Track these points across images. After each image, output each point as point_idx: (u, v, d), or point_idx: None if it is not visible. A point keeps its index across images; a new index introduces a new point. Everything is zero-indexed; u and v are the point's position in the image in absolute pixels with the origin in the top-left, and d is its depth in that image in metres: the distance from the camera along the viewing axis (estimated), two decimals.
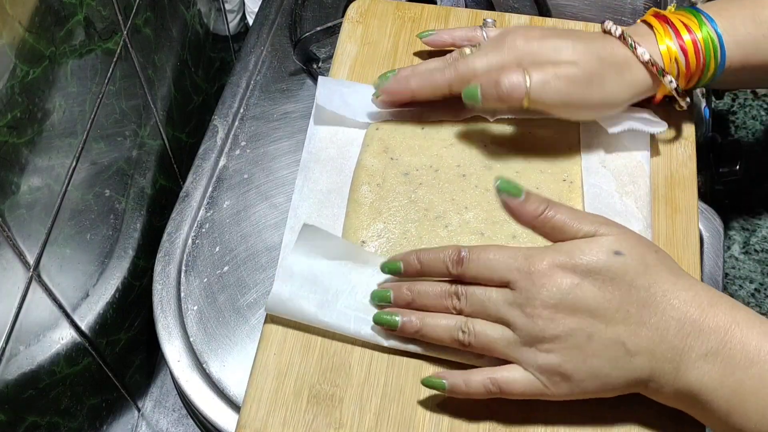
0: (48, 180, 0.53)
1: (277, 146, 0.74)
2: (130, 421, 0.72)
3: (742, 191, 0.84)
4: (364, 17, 0.70)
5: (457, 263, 0.51)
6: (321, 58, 0.79)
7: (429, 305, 0.52)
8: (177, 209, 0.70)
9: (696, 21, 0.58)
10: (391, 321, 0.52)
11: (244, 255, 0.67)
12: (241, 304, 0.65)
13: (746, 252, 0.83)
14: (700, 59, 0.58)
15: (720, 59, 0.58)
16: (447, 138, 0.62)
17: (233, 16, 0.96)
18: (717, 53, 0.58)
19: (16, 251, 0.50)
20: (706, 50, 0.58)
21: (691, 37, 0.58)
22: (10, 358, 0.50)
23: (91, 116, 0.59)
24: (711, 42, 0.58)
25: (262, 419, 0.52)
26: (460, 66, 0.59)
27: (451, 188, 0.60)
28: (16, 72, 0.48)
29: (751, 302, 0.81)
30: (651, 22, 0.59)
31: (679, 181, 0.61)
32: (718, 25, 0.58)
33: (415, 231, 0.58)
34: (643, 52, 0.57)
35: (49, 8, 0.51)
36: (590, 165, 0.60)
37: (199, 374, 0.63)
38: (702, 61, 0.58)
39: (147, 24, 0.69)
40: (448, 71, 0.59)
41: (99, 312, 0.64)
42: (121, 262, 0.68)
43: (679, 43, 0.58)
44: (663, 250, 0.50)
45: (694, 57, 0.58)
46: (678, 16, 0.59)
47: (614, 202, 0.58)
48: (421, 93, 0.61)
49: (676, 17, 0.59)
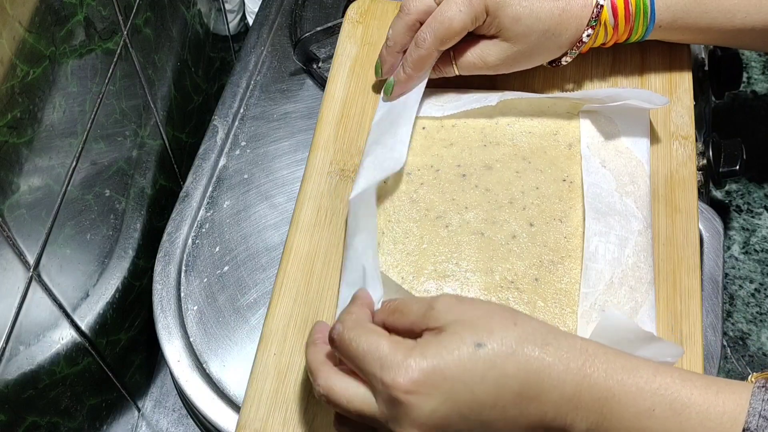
0: (48, 180, 0.53)
1: (277, 146, 0.74)
2: (130, 421, 0.72)
3: (742, 191, 0.84)
4: (364, 17, 0.70)
5: (330, 341, 0.46)
6: (321, 58, 0.79)
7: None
8: (177, 209, 0.70)
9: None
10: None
11: (244, 255, 0.67)
12: (241, 304, 0.65)
13: (746, 252, 0.83)
14: (629, 18, 0.60)
15: (650, 20, 0.60)
16: (448, 138, 0.62)
17: (233, 16, 0.96)
18: (647, 14, 0.60)
19: (16, 251, 0.50)
20: (637, 9, 0.59)
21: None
22: (10, 358, 0.50)
23: (91, 116, 0.59)
24: (642, 3, 0.59)
25: (262, 419, 0.52)
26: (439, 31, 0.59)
27: (452, 188, 0.60)
28: (16, 72, 0.48)
29: (751, 302, 0.81)
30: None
31: (679, 181, 0.61)
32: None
33: (416, 230, 0.58)
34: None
35: (49, 8, 0.51)
36: (590, 165, 0.60)
37: (199, 374, 0.63)
38: (632, 20, 0.60)
39: (147, 24, 0.69)
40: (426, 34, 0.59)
41: (99, 312, 0.64)
42: (121, 262, 0.68)
43: (610, 1, 0.59)
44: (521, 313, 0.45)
45: (623, 16, 0.60)
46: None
47: (614, 202, 0.58)
48: (421, 70, 0.61)
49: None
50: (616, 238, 0.56)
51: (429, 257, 0.57)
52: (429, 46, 0.59)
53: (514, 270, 0.56)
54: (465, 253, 0.57)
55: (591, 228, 0.57)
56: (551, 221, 0.58)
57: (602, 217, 0.57)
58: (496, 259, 0.57)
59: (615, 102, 0.61)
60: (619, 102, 0.60)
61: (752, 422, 0.41)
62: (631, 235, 0.57)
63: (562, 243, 0.57)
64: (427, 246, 0.57)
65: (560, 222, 0.58)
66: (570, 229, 0.58)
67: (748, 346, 0.78)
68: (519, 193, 0.59)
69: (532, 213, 0.59)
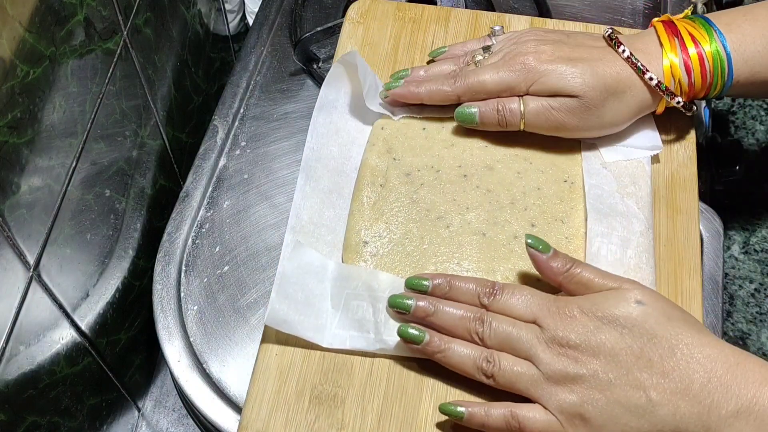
0: (48, 180, 0.53)
1: (277, 146, 0.74)
2: (130, 421, 0.72)
3: (742, 191, 0.84)
4: (365, 18, 0.70)
5: (489, 294, 0.51)
6: (321, 59, 0.79)
7: (448, 324, 0.52)
8: (177, 209, 0.70)
9: (706, 35, 0.57)
10: (417, 336, 0.51)
11: (244, 255, 0.67)
12: (241, 304, 0.65)
13: (746, 252, 0.83)
14: (706, 76, 0.57)
15: (727, 76, 0.57)
16: (448, 138, 0.62)
17: (233, 16, 0.96)
18: (724, 70, 0.57)
19: (16, 251, 0.50)
20: (714, 67, 0.57)
21: (698, 51, 0.57)
22: (10, 358, 0.50)
23: (91, 116, 0.59)
24: (719, 59, 0.57)
25: (264, 420, 0.52)
26: (471, 80, 0.59)
27: (453, 189, 0.60)
28: (16, 72, 0.48)
29: (751, 302, 0.81)
30: (659, 32, 0.58)
31: (679, 182, 0.61)
32: (728, 42, 0.57)
33: (416, 231, 0.58)
34: (651, 77, 0.57)
35: (49, 8, 0.51)
36: (591, 166, 0.60)
37: (199, 374, 0.63)
38: (709, 78, 0.57)
39: (147, 24, 0.69)
40: (459, 84, 0.60)
41: (99, 312, 0.64)
42: (121, 262, 0.68)
43: (683, 58, 0.57)
44: (687, 311, 0.50)
45: (699, 74, 0.57)
46: (688, 27, 0.58)
47: (615, 203, 0.58)
48: (430, 101, 0.62)
49: (686, 28, 0.58)
50: (618, 239, 0.56)
51: (430, 258, 0.57)
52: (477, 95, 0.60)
53: (515, 270, 0.56)
54: (466, 253, 0.57)
55: (593, 229, 0.57)
56: (552, 222, 0.58)
57: (604, 218, 0.57)
58: (498, 259, 0.57)
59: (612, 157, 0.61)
60: (616, 157, 0.60)
61: None
62: (633, 236, 0.57)
63: (564, 244, 0.57)
64: (428, 246, 0.57)
65: (561, 223, 0.58)
66: (571, 230, 0.58)
67: (748, 346, 0.78)
68: (520, 194, 0.59)
69: (534, 214, 0.58)
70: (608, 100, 0.57)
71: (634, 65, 0.57)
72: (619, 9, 0.84)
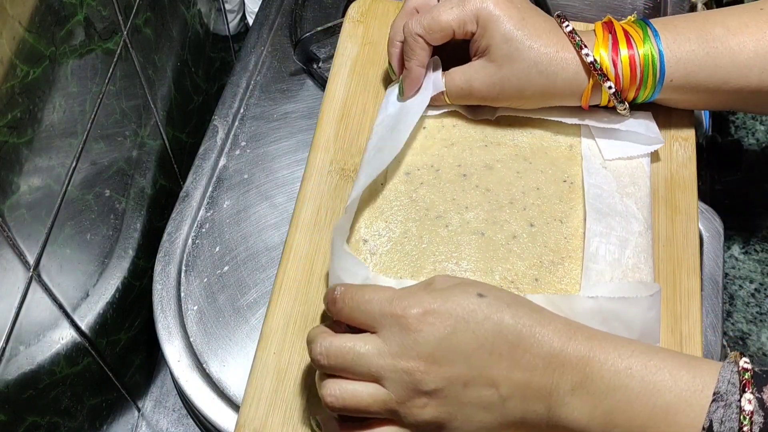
0: (48, 180, 0.53)
1: (277, 146, 0.74)
2: (130, 421, 0.72)
3: (742, 191, 0.84)
4: (365, 17, 0.70)
5: (331, 302, 0.48)
6: (321, 58, 0.79)
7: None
8: (177, 209, 0.70)
9: (641, 34, 0.57)
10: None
11: (244, 255, 0.67)
12: (241, 304, 0.65)
13: (746, 252, 0.83)
14: (636, 74, 0.57)
15: (659, 74, 0.57)
16: (448, 138, 0.62)
17: (233, 16, 0.96)
18: (656, 68, 0.57)
19: (16, 251, 0.50)
20: (645, 64, 0.57)
21: (629, 53, 0.57)
22: (10, 358, 0.50)
23: (91, 116, 0.59)
24: (651, 56, 0.57)
25: (262, 418, 0.52)
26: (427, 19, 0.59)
27: (452, 188, 0.60)
28: (16, 72, 0.48)
29: (751, 302, 0.81)
30: (596, 29, 0.59)
31: (679, 183, 0.61)
32: (662, 39, 0.57)
33: (415, 230, 0.58)
34: (587, 53, 0.57)
35: (49, 8, 0.51)
36: (591, 166, 0.60)
37: (199, 374, 0.63)
38: (639, 76, 0.57)
39: (147, 24, 0.69)
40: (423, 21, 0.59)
41: (99, 312, 0.64)
42: (121, 262, 0.68)
43: (612, 57, 0.57)
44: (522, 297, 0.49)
45: (628, 71, 0.57)
46: (626, 26, 0.58)
47: (615, 203, 0.58)
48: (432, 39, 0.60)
49: (622, 28, 0.58)
50: (616, 239, 0.56)
51: (428, 257, 0.57)
52: (415, 33, 0.58)
53: (514, 270, 0.56)
54: (465, 252, 0.57)
55: (591, 229, 0.57)
56: (552, 222, 0.58)
57: (603, 217, 0.57)
58: (496, 259, 0.57)
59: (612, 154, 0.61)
60: (615, 155, 0.60)
61: (722, 387, 0.44)
62: (632, 236, 0.57)
63: (563, 243, 0.57)
64: (427, 246, 0.57)
65: (560, 222, 0.58)
66: (570, 230, 0.58)
67: (748, 346, 0.78)
68: (519, 194, 0.59)
69: (533, 213, 0.59)
70: (531, 70, 0.57)
71: (574, 39, 0.57)
72: (619, 9, 0.84)
